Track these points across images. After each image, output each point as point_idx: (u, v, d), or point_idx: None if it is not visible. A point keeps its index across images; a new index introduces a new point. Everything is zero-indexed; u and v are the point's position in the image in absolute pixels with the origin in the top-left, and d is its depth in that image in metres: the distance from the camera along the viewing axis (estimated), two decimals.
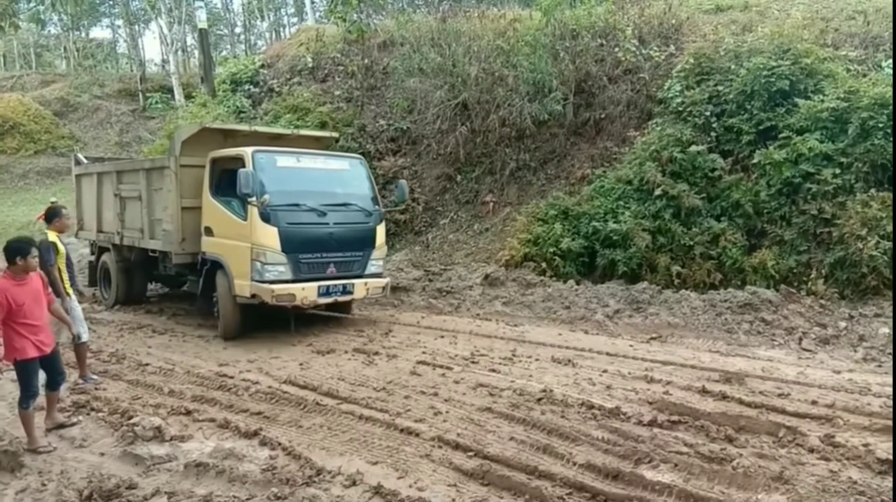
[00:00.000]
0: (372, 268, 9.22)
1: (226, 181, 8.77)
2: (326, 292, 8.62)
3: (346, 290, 8.85)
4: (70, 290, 7.03)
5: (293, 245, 8.38)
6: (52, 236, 6.96)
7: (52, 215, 7.08)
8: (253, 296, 8.29)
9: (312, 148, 10.12)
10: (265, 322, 9.26)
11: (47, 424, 5.80)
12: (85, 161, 12.89)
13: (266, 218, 8.26)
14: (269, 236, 8.26)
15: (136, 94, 35.76)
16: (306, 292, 8.38)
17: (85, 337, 7.11)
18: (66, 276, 6.99)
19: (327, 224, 8.71)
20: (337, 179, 9.30)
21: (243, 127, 9.66)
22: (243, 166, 8.33)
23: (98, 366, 7.70)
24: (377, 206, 9.44)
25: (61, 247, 6.98)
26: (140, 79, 36.93)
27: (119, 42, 54.77)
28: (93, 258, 12.58)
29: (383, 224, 9.54)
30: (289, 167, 8.82)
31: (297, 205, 8.58)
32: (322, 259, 8.63)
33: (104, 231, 11.59)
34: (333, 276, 8.72)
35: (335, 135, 11.36)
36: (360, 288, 8.99)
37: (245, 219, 8.38)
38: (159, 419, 5.86)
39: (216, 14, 49.25)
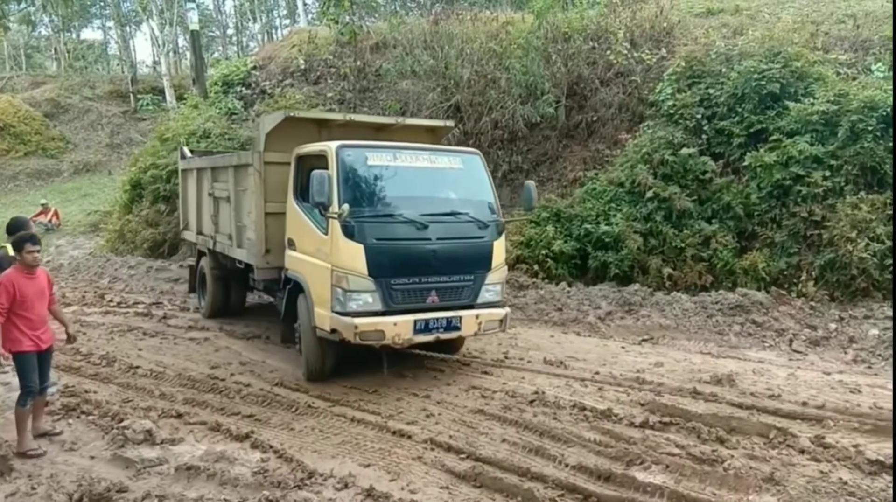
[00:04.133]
0: (486, 295, 7.08)
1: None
2: (425, 328, 6.60)
3: (450, 326, 6.76)
4: None
5: (384, 267, 6.50)
6: (12, 249, 6.79)
7: (13, 230, 6.90)
8: (333, 330, 6.49)
9: (423, 140, 8.32)
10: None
11: (33, 432, 5.76)
12: (189, 154, 11.50)
13: (350, 232, 6.42)
14: (353, 256, 6.43)
15: (128, 96, 35.57)
16: (399, 328, 6.46)
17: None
18: None
19: (429, 240, 6.69)
20: (446, 181, 7.34)
21: (336, 115, 8.10)
22: (327, 165, 6.73)
23: (88, 369, 7.66)
24: (496, 215, 7.29)
25: None
26: (131, 80, 36.73)
27: (110, 43, 54.63)
28: (192, 263, 11.42)
29: (503, 238, 7.34)
30: (383, 166, 6.93)
31: (390, 215, 6.72)
32: (421, 285, 6.68)
33: (203, 233, 10.30)
34: (435, 307, 6.76)
35: (451, 124, 9.23)
36: (469, 322, 6.86)
37: (326, 233, 6.63)
38: (150, 422, 5.83)
39: (208, 16, 49.07)
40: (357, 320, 6.30)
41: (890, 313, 8.56)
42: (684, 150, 10.92)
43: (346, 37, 17.55)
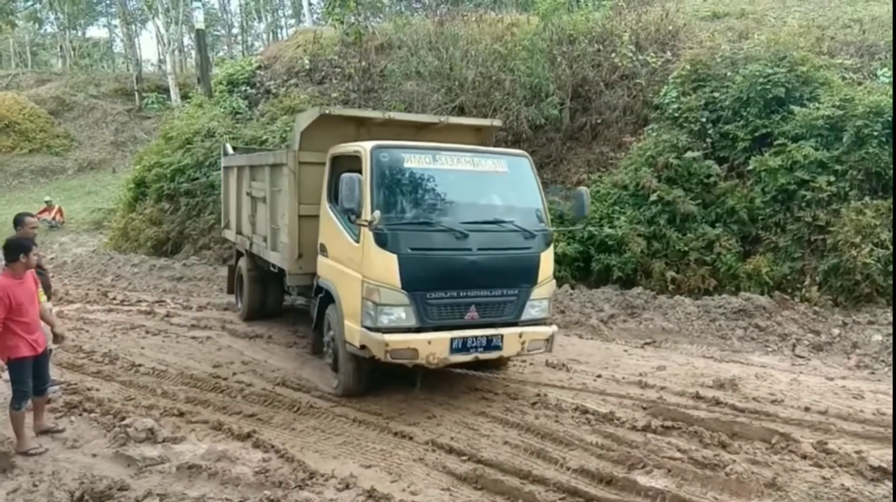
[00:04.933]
0: (531, 311, 6.47)
1: None
2: (463, 347, 6.05)
3: (491, 345, 6.17)
4: (42, 297, 6.79)
5: (419, 279, 5.94)
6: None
7: (16, 223, 6.92)
8: (362, 346, 6.03)
9: (468, 140, 7.84)
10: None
11: (35, 429, 5.77)
12: (231, 151, 11.18)
13: (383, 241, 5.89)
14: (386, 267, 5.90)
15: (132, 94, 35.71)
16: (434, 347, 5.93)
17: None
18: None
19: (469, 250, 6.11)
20: (490, 186, 6.72)
21: (375, 113, 7.69)
22: (361, 167, 6.22)
23: (91, 367, 7.67)
24: (544, 224, 6.62)
25: None
26: (136, 78, 36.88)
27: (116, 41, 54.77)
28: (232, 262, 11.15)
29: (552, 249, 6.71)
30: (421, 169, 6.35)
31: (427, 223, 6.12)
32: (459, 299, 6.09)
33: (241, 233, 10.01)
34: (474, 323, 6.17)
35: (498, 123, 8.68)
36: (511, 341, 6.26)
37: (357, 241, 6.15)
38: (152, 420, 5.84)
39: (213, 15, 49.23)
40: (388, 337, 5.83)
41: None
42: (689, 154, 10.90)
43: (351, 37, 17.57)
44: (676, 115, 11.63)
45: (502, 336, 6.22)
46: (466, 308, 6.13)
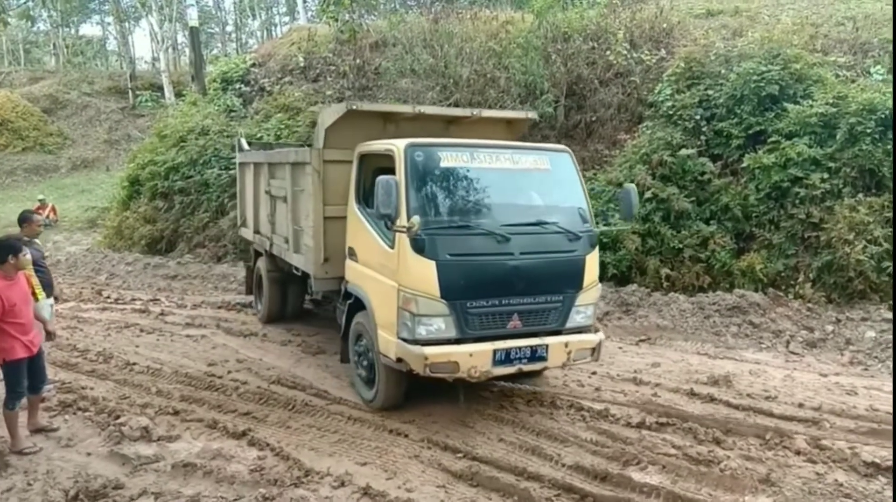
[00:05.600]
0: (577, 318, 6.06)
1: (374, 184, 6.19)
2: (506, 359, 5.67)
3: (535, 356, 5.79)
4: (41, 295, 6.59)
5: (459, 287, 5.55)
6: None
7: (21, 220, 6.90)
8: (399, 359, 5.64)
9: (499, 134, 7.51)
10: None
11: (29, 427, 5.75)
12: (247, 147, 10.73)
13: (420, 247, 5.48)
14: (424, 274, 5.51)
15: (126, 92, 35.56)
16: (475, 359, 5.55)
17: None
18: (35, 281, 6.52)
19: (511, 254, 5.69)
20: (531, 184, 6.32)
21: (405, 108, 7.29)
22: (393, 167, 5.82)
23: (85, 366, 7.65)
24: (588, 225, 6.19)
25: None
26: (130, 76, 36.73)
27: (109, 39, 54.60)
28: (250, 263, 10.69)
29: (596, 251, 6.27)
30: (458, 168, 5.94)
31: (466, 226, 5.69)
32: (501, 307, 5.71)
33: (260, 232, 9.59)
34: (517, 333, 5.78)
35: (534, 115, 8.08)
36: (557, 351, 5.86)
37: (392, 247, 5.75)
38: (147, 419, 5.84)
39: (207, 12, 49.07)
40: (427, 349, 5.43)
41: (887, 315, 8.58)
42: (683, 151, 10.92)
43: (345, 35, 17.53)
44: (671, 112, 11.65)
45: (547, 346, 5.82)
46: (509, 316, 5.75)
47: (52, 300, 6.94)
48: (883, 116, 9.46)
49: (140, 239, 15.90)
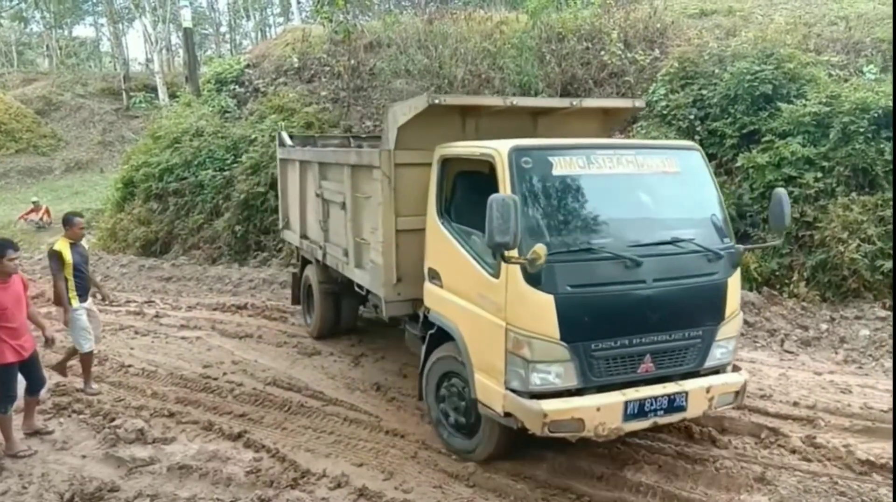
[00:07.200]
0: (716, 355, 5.04)
1: (463, 195, 5.43)
2: (639, 411, 4.64)
3: (673, 406, 4.75)
4: (75, 301, 6.67)
5: (582, 326, 4.55)
6: (59, 244, 6.61)
7: (64, 222, 6.81)
8: (507, 414, 4.66)
9: (592, 127, 6.63)
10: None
11: (24, 429, 5.74)
12: (289, 142, 9.60)
13: (535, 278, 4.45)
14: (541, 312, 4.49)
15: (120, 93, 35.52)
16: (604, 414, 4.53)
17: (87, 347, 6.83)
18: (71, 285, 6.61)
19: (643, 282, 4.67)
20: (659, 192, 5.19)
21: (495, 100, 6.31)
22: (492, 175, 4.81)
23: (80, 368, 7.61)
24: (728, 240, 5.13)
25: (68, 257, 6.53)
26: (123, 78, 36.69)
27: (102, 40, 54.45)
28: (296, 269, 9.69)
29: (738, 273, 5.22)
30: (574, 176, 4.85)
31: (590, 250, 4.62)
32: (631, 348, 4.68)
33: (308, 238, 8.57)
34: (650, 377, 4.78)
35: (641, 103, 7.17)
36: (697, 398, 4.83)
37: (496, 275, 4.69)
38: (142, 421, 5.83)
39: (201, 13, 48.98)
40: (546, 405, 4.42)
41: (881, 314, 8.61)
42: None
43: (340, 35, 17.51)
44: (665, 112, 11.66)
45: (687, 393, 4.77)
46: (640, 358, 4.72)
47: (88, 303, 6.93)
48: (875, 115, 9.50)
49: (134, 240, 15.86)
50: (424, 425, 5.90)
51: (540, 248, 4.21)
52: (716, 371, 5.08)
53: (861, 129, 9.50)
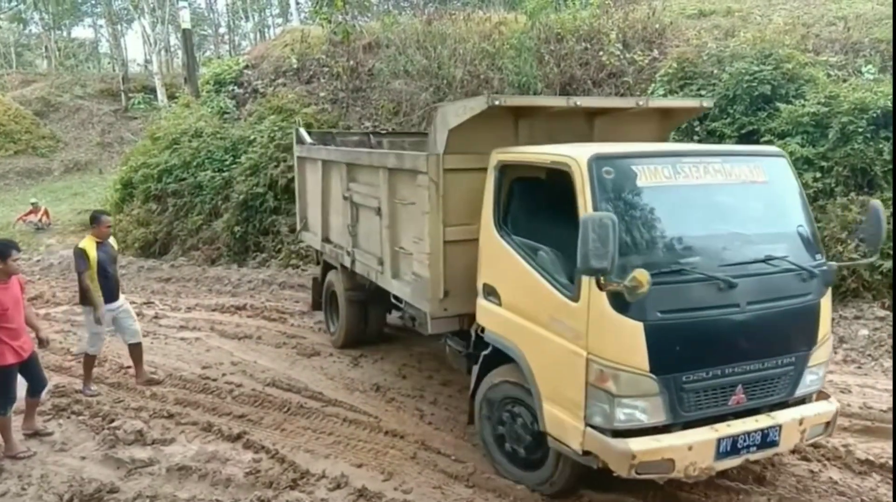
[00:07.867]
0: (807, 382, 4.62)
1: (525, 204, 5.00)
2: (732, 448, 4.24)
3: (767, 441, 4.36)
4: (99, 303, 6.60)
5: (673, 356, 4.12)
6: (84, 243, 6.59)
7: (91, 221, 6.80)
8: (587, 453, 4.22)
9: (649, 129, 6.09)
10: None
11: (24, 430, 5.73)
12: (308, 140, 9.07)
13: (623, 303, 3.99)
14: (628, 341, 4.06)
15: (119, 95, 35.48)
16: (696, 453, 4.13)
17: (92, 350, 6.88)
18: (96, 285, 6.55)
19: (736, 306, 4.23)
20: (748, 203, 4.76)
21: (558, 100, 5.99)
22: (564, 185, 4.35)
23: (79, 369, 7.60)
24: (820, 257, 4.76)
25: (93, 256, 6.51)
26: (122, 79, 36.66)
27: (101, 42, 54.41)
28: (318, 274, 9.15)
29: (830, 292, 4.77)
30: (659, 187, 4.34)
31: (680, 271, 4.16)
32: (724, 378, 4.25)
33: (331, 241, 8.14)
34: (742, 409, 4.37)
35: (709, 104, 6.55)
36: (790, 431, 4.45)
37: (574, 298, 4.22)
38: (141, 422, 5.83)
39: (200, 14, 48.96)
40: (634, 445, 4.01)
41: (880, 314, 8.62)
42: None
43: (338, 36, 17.52)
44: None
45: (780, 426, 4.36)
46: (732, 389, 4.28)
47: (121, 301, 6.98)
48: (874, 115, 9.51)
49: (133, 241, 15.86)
50: (424, 425, 5.90)
51: (641, 275, 3.75)
52: (803, 399, 4.67)
53: (860, 129, 9.51)
